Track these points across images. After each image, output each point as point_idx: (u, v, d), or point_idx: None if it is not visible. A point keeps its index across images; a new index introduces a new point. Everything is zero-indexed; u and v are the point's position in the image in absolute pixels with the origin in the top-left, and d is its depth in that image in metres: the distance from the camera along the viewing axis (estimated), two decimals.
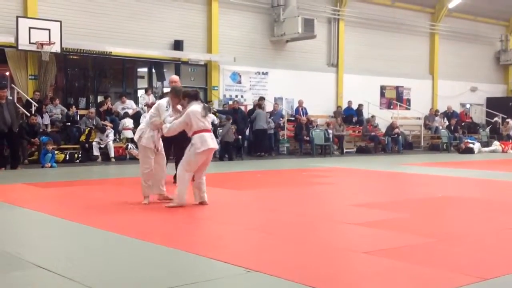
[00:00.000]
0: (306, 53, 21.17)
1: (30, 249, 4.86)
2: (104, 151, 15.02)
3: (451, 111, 24.27)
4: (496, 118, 24.84)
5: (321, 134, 18.48)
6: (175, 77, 9.79)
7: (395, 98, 24.01)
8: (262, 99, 18.55)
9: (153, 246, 4.83)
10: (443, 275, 3.96)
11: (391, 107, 23.63)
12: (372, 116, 21.75)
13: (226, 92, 19.52)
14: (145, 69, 18.90)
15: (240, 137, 16.65)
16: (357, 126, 21.36)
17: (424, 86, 24.84)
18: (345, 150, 19.69)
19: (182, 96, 6.95)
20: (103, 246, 4.94)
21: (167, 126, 6.87)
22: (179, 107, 7.09)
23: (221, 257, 4.36)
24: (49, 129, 15.00)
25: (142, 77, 19.19)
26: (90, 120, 15.33)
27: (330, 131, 19.03)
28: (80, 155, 14.46)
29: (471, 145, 20.49)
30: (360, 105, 21.88)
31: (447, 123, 23.41)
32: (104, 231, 5.48)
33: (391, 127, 20.67)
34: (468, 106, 26.60)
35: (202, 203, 7.03)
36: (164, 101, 7.13)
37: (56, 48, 15.17)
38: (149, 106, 16.88)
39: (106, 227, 5.64)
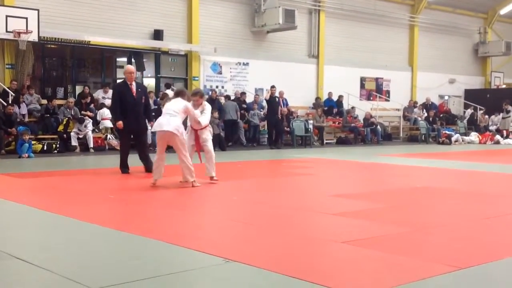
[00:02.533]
0: (286, 44, 21.17)
1: (7, 240, 4.80)
2: (83, 142, 14.88)
3: (430, 103, 24.51)
4: (469, 109, 25.14)
5: (301, 125, 18.54)
6: (132, 68, 9.84)
7: (375, 90, 24.16)
8: (227, 97, 18.50)
9: (132, 236, 4.81)
10: (420, 264, 4.02)
11: (371, 98, 23.78)
12: (352, 108, 21.86)
13: (207, 83, 19.43)
14: (125, 59, 18.70)
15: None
16: (337, 117, 21.46)
17: (403, 77, 25.03)
18: (325, 141, 19.79)
19: (200, 95, 8.46)
20: (81, 237, 4.90)
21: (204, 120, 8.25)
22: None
23: (200, 247, 4.36)
24: (26, 119, 14.79)
25: (122, 67, 18.97)
26: (68, 110, 15.16)
27: (311, 122, 19.10)
28: (58, 146, 14.29)
29: (455, 137, 20.73)
30: (340, 97, 21.98)
31: (425, 114, 23.65)
32: (82, 222, 5.44)
33: (367, 118, 20.85)
34: (446, 97, 26.88)
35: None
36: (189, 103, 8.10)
37: (33, 37, 14.93)
38: None
39: (84, 218, 5.59)
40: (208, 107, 8.44)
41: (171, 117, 7.69)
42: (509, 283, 3.69)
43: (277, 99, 17.71)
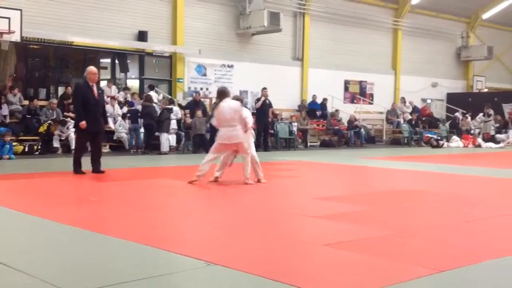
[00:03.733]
0: (271, 47, 21.20)
1: None
2: (65, 143, 14.75)
3: (413, 106, 24.68)
4: (456, 114, 25.38)
5: (285, 127, 18.57)
6: (95, 69, 9.92)
7: (359, 93, 24.29)
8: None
9: (113, 239, 4.77)
10: (401, 267, 4.04)
11: (355, 101, 23.90)
12: (336, 110, 21.95)
13: (191, 85, 19.39)
14: (108, 60, 18.60)
15: None
16: (321, 120, 21.52)
17: (386, 81, 25.19)
18: (309, 144, 19.85)
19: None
20: (62, 240, 4.85)
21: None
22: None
23: (181, 250, 4.34)
24: (7, 120, 14.62)
25: (105, 68, 18.89)
26: (50, 111, 15.02)
27: (295, 125, 19.14)
28: (39, 147, 14.15)
29: (440, 141, 20.89)
30: (325, 99, 22.05)
31: (410, 109, 23.84)
32: (63, 224, 5.38)
33: (351, 121, 20.97)
34: (429, 101, 27.10)
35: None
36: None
37: (16, 37, 14.74)
38: (112, 97, 16.68)
39: (66, 220, 5.54)
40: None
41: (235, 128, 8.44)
42: (488, 286, 3.72)
43: (267, 101, 17.69)
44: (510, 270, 4.06)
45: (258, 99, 17.75)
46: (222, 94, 8.66)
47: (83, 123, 9.49)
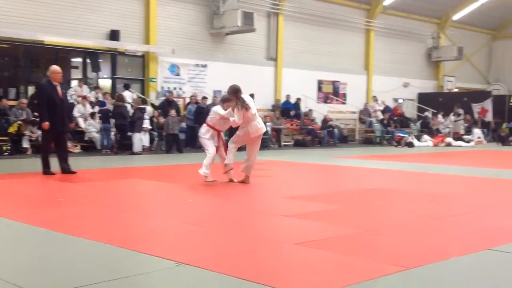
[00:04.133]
0: (245, 47, 21.21)
1: None
2: (35, 144, 14.51)
3: (385, 106, 24.96)
4: (426, 113, 25.74)
5: None
6: (59, 68, 9.83)
7: (332, 93, 24.47)
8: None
9: (82, 241, 4.72)
10: (370, 264, 4.08)
11: (328, 101, 24.06)
12: (310, 110, 22.07)
13: (164, 84, 19.28)
14: (80, 59, 18.38)
15: None
16: (295, 120, 21.61)
17: (359, 81, 25.43)
18: (282, 143, 19.91)
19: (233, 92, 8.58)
20: (30, 242, 4.78)
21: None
22: None
23: (152, 251, 4.32)
24: None
25: (76, 67, 18.66)
26: (20, 111, 14.78)
27: (268, 124, 19.16)
28: (9, 148, 13.91)
29: (411, 140, 21.13)
30: (298, 99, 22.16)
31: (382, 106, 24.10)
32: (31, 226, 5.31)
33: (325, 121, 21.12)
34: (400, 101, 27.45)
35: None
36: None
37: None
38: (83, 97, 16.49)
39: (34, 222, 5.46)
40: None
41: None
42: (455, 282, 3.78)
43: None
44: (477, 266, 4.14)
45: None
46: (239, 90, 8.58)
47: (46, 124, 9.37)
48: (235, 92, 8.51)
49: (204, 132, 8.55)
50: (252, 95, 9.33)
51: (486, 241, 4.88)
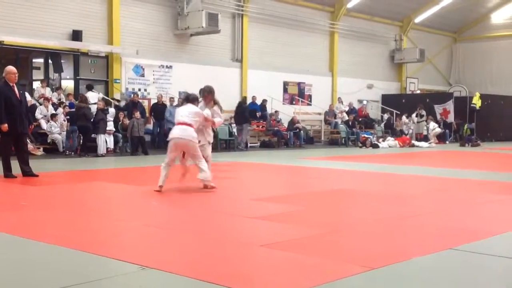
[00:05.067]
0: (210, 48, 21.16)
1: None
2: None
3: (352, 107, 25.22)
4: (386, 114, 26.12)
5: (225, 128, 18.58)
6: (14, 69, 9.56)
7: (297, 94, 24.62)
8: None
9: (42, 245, 4.62)
10: (334, 265, 4.12)
11: (294, 102, 24.20)
12: (276, 111, 22.15)
13: (129, 86, 19.07)
14: (41, 60, 18.02)
15: None
16: (261, 121, 21.66)
17: (324, 82, 25.66)
18: (249, 145, 19.92)
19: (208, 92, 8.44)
20: None
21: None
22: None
23: (115, 254, 4.26)
24: None
25: (38, 68, 18.28)
26: None
27: (234, 126, 19.17)
28: None
29: (376, 142, 21.40)
30: (264, 100, 22.22)
31: (346, 109, 24.38)
32: None
33: (292, 122, 21.22)
34: (365, 102, 27.80)
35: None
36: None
37: None
38: (46, 98, 16.17)
39: None
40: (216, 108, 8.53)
41: (186, 126, 7.77)
42: (419, 282, 3.84)
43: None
44: (440, 266, 4.22)
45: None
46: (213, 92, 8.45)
47: (4, 126, 9.16)
48: (212, 92, 8.47)
49: (196, 137, 7.98)
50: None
51: (448, 241, 4.97)
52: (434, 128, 24.12)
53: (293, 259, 4.26)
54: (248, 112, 20.08)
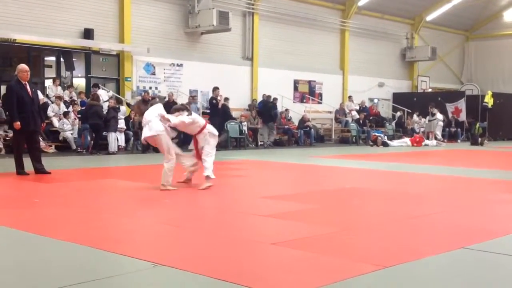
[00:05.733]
0: (221, 46, 21.16)
1: None
2: (9, 143, 14.24)
3: (363, 106, 25.13)
4: (399, 113, 26.00)
5: (235, 127, 18.60)
6: (27, 66, 9.67)
7: (308, 92, 24.56)
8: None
9: (57, 242, 4.65)
10: (346, 263, 4.10)
11: (304, 101, 24.16)
12: (286, 110, 22.12)
13: (140, 84, 19.13)
14: (53, 58, 18.12)
15: None
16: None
17: (335, 81, 25.58)
18: (259, 143, 19.92)
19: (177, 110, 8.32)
20: (3, 243, 4.69)
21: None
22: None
23: (127, 252, 4.28)
24: None
25: (50, 66, 18.40)
26: None
27: (245, 124, 19.19)
28: None
29: (387, 141, 21.29)
30: (274, 99, 22.15)
31: (357, 107, 24.29)
32: (5, 227, 5.21)
33: (303, 121, 21.19)
34: (376, 101, 27.70)
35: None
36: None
37: None
38: (58, 96, 16.27)
39: (7, 223, 5.36)
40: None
41: (152, 123, 7.87)
42: (431, 281, 3.82)
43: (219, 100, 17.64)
44: (453, 265, 4.19)
45: (215, 100, 17.60)
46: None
47: (17, 124, 9.23)
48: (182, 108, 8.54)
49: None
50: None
51: (461, 239, 4.94)
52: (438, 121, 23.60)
53: (304, 258, 4.26)
54: (273, 110, 20.13)
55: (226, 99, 18.48)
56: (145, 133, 8.01)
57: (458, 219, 6.06)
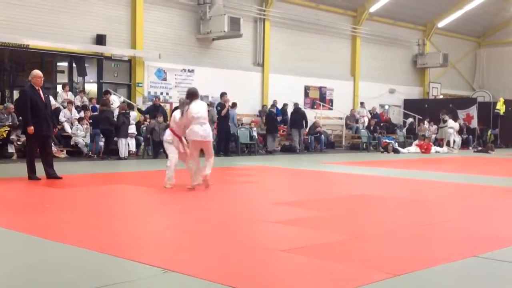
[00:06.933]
0: (232, 52, 21.21)
1: None
2: (21, 148, 14.36)
3: (375, 112, 25.04)
4: (410, 119, 25.88)
5: (246, 132, 18.61)
6: (40, 72, 9.77)
7: (319, 98, 24.54)
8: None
9: (68, 247, 4.67)
10: (357, 271, 4.08)
11: (315, 107, 24.13)
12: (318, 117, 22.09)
13: (151, 89, 19.20)
14: (66, 64, 18.25)
15: None
16: (282, 125, 21.62)
17: (346, 87, 25.53)
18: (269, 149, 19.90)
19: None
20: (14, 248, 4.72)
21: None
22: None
23: (137, 257, 4.28)
24: None
25: (62, 71, 18.53)
26: (6, 116, 14.62)
27: (255, 130, 19.19)
28: None
29: (398, 147, 21.18)
30: (285, 105, 22.17)
31: (369, 116, 24.22)
32: (16, 232, 5.24)
33: (314, 127, 21.15)
34: (386, 107, 27.60)
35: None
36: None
37: None
38: (69, 101, 16.37)
39: (19, 227, 5.39)
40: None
41: (206, 125, 8.41)
42: None
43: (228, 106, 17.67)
44: (464, 273, 4.16)
45: (222, 106, 17.59)
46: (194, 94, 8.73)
47: (31, 128, 9.33)
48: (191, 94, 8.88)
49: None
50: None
51: (473, 248, 4.90)
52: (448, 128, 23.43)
53: (315, 265, 4.24)
54: (302, 117, 20.15)
55: (234, 104, 18.45)
56: (203, 135, 8.31)
57: (470, 227, 6.01)
